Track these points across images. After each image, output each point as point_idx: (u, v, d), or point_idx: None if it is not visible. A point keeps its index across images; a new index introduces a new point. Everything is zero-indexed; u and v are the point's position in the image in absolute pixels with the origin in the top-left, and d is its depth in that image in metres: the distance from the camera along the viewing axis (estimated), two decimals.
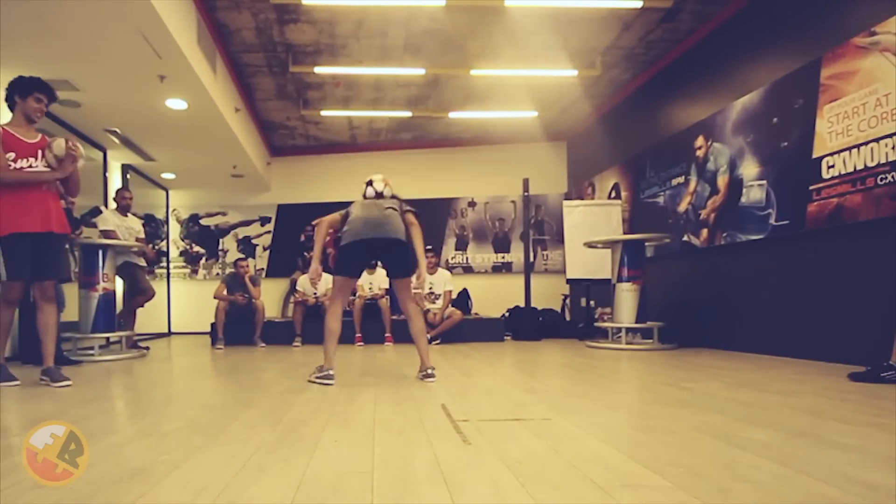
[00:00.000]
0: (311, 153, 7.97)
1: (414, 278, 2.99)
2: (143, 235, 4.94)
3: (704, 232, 4.62)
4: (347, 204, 3.30)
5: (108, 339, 4.61)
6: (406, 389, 2.55)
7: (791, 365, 3.30)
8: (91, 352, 4.21)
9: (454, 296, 6.09)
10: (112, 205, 5.22)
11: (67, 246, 2.82)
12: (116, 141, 5.48)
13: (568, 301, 7.28)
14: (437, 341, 5.39)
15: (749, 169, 4.07)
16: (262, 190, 7.96)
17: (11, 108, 2.93)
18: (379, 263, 5.93)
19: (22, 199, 2.80)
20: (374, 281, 5.72)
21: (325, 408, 2.09)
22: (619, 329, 4.64)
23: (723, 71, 4.49)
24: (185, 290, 8.01)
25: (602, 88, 6.08)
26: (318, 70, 5.29)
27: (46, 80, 4.13)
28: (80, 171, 3.09)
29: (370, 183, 3.28)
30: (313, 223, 3.11)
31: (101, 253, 4.29)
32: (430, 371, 2.87)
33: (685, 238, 4.90)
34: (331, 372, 2.76)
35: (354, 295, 5.71)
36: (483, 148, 7.89)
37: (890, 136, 2.96)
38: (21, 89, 2.89)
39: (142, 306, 4.89)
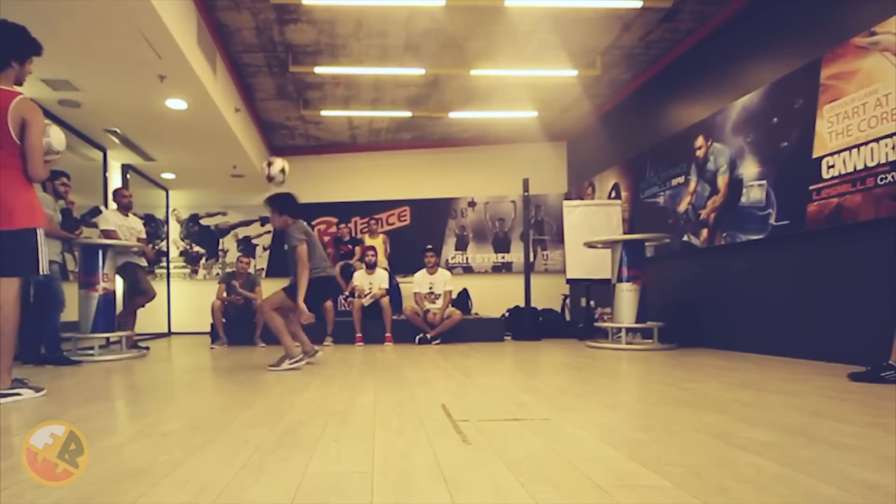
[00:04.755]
0: (311, 153, 7.96)
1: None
2: (144, 235, 4.94)
3: (704, 232, 4.62)
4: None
5: (108, 339, 4.61)
6: (406, 389, 2.55)
7: (791, 365, 3.30)
8: (91, 352, 4.21)
9: (454, 296, 6.10)
10: (112, 205, 5.21)
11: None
12: (116, 141, 5.48)
13: (568, 301, 7.29)
14: (438, 341, 5.39)
15: (749, 169, 4.07)
16: (262, 190, 7.94)
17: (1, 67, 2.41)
18: (377, 262, 5.94)
19: None
20: (374, 281, 5.72)
21: (325, 408, 2.09)
22: (619, 329, 4.64)
23: (723, 71, 4.48)
24: (185, 290, 8.01)
25: (602, 88, 6.08)
26: (318, 70, 5.29)
27: (46, 81, 4.16)
28: (80, 171, 3.05)
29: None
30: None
31: (101, 253, 4.29)
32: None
33: (685, 238, 4.90)
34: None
35: (354, 295, 5.71)
36: (483, 148, 7.89)
37: (890, 136, 2.96)
38: (19, 54, 2.43)
39: (142, 307, 4.89)
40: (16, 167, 2.34)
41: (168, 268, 7.96)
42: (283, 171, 3.76)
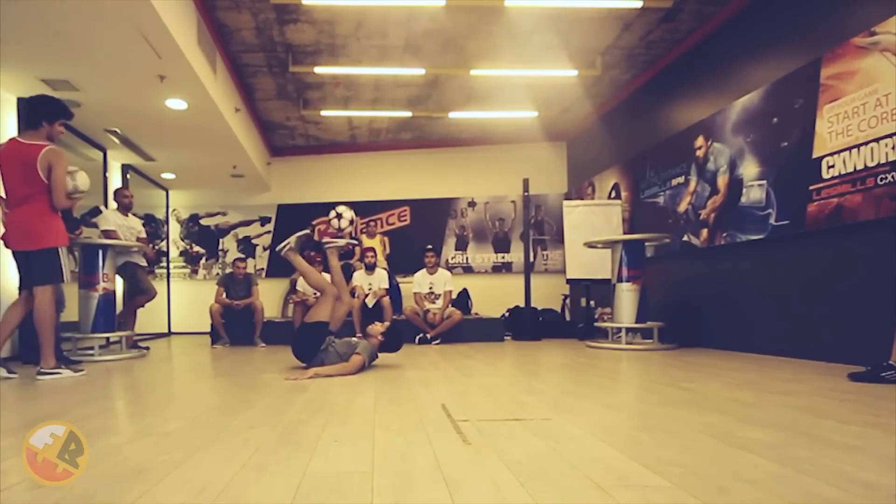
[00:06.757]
0: (311, 153, 7.97)
1: None
2: (144, 235, 4.94)
3: (704, 232, 4.62)
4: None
5: (108, 339, 4.61)
6: (406, 389, 2.55)
7: (791, 365, 3.30)
8: (91, 352, 4.21)
9: (454, 296, 6.09)
10: (112, 205, 5.21)
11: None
12: (116, 141, 5.48)
13: (568, 301, 7.29)
14: (438, 341, 5.39)
15: (749, 169, 4.07)
16: (262, 190, 7.96)
17: (34, 126, 3.09)
18: (376, 263, 5.93)
19: None
20: (374, 281, 5.71)
21: (325, 408, 2.09)
22: (619, 329, 4.64)
23: (723, 71, 4.49)
24: (185, 290, 8.01)
25: (602, 88, 6.08)
26: (318, 70, 5.29)
27: (46, 81, 4.17)
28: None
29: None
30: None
31: (101, 253, 4.29)
32: None
33: (685, 238, 4.90)
34: None
35: (354, 295, 5.70)
36: (483, 148, 7.90)
37: (890, 136, 2.96)
38: (49, 116, 3.10)
39: (142, 306, 4.89)
40: (44, 201, 3.05)
41: (168, 268, 7.96)
42: (351, 221, 3.81)
